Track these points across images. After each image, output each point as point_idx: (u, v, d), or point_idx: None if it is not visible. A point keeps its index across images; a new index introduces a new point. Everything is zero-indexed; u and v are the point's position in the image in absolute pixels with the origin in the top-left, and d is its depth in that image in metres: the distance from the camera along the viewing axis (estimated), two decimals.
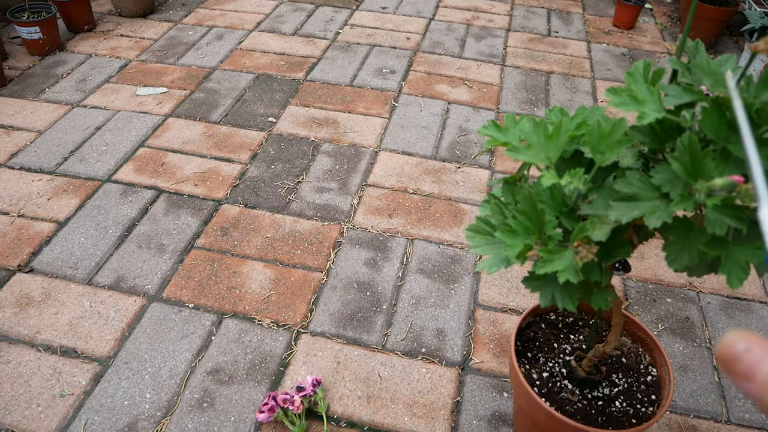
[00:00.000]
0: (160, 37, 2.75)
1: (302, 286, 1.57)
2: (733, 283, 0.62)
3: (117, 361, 1.36)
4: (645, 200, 0.67)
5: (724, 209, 0.61)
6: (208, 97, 2.32)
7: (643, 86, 0.70)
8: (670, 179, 0.66)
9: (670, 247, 0.69)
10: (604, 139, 0.70)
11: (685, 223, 0.69)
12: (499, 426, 1.28)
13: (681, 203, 0.63)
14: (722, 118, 0.64)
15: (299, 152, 2.05)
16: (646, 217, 0.65)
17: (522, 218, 0.74)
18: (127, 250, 1.64)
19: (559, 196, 0.75)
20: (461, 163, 2.04)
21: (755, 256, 0.62)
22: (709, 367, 1.43)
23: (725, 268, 0.63)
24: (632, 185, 0.67)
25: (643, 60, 0.74)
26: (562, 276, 0.68)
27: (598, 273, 0.74)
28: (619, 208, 0.67)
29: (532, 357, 1.13)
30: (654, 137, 0.73)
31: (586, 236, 0.68)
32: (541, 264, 0.70)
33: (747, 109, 0.63)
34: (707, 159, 0.62)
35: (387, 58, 2.68)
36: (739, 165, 0.65)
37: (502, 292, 1.57)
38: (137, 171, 1.92)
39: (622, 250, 0.73)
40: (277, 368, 1.37)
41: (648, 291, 1.60)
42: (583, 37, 3.02)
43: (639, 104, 0.69)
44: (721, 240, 0.65)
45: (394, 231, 1.75)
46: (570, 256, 0.69)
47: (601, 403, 1.05)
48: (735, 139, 0.64)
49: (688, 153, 0.63)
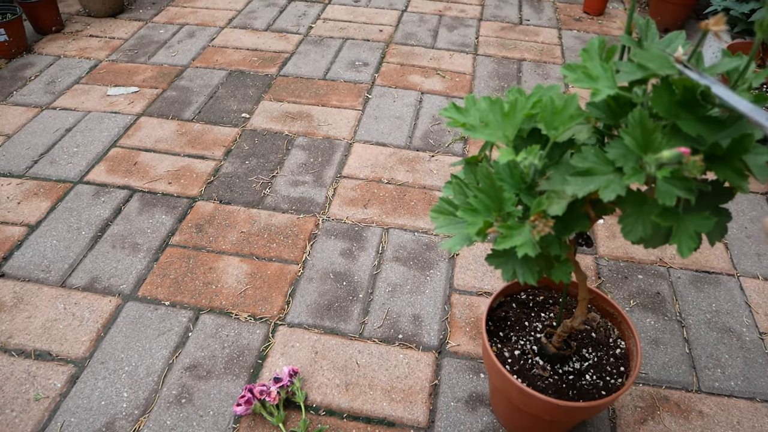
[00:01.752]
0: (131, 37, 2.72)
1: (279, 278, 1.57)
2: (683, 252, 0.64)
3: (93, 362, 1.36)
4: (600, 174, 0.68)
5: (673, 181, 0.63)
6: (181, 95, 2.31)
7: (597, 63, 0.71)
8: (624, 154, 0.67)
9: (625, 220, 0.70)
10: (557, 114, 0.72)
11: (639, 196, 0.70)
12: (477, 406, 1.29)
13: (633, 176, 0.64)
14: (672, 97, 0.65)
15: (273, 147, 2.05)
16: (601, 190, 0.66)
17: (482, 196, 0.75)
18: (100, 250, 1.63)
19: (517, 174, 0.77)
20: (435, 151, 2.05)
21: (704, 226, 0.64)
22: (680, 339, 1.45)
23: (676, 237, 0.64)
24: (588, 160, 0.69)
25: (598, 37, 0.75)
26: (520, 250, 0.69)
27: (557, 246, 0.75)
28: (576, 183, 0.68)
29: (504, 336, 1.14)
30: (609, 113, 0.74)
31: (542, 211, 0.69)
32: (500, 240, 0.71)
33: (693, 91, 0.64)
34: (657, 133, 0.63)
35: (360, 50, 2.68)
36: (688, 140, 0.67)
37: (477, 276, 1.59)
38: (110, 171, 1.91)
39: (579, 223, 0.74)
40: (255, 361, 1.37)
41: (620, 268, 1.63)
42: (554, 24, 3.04)
43: (593, 81, 0.70)
44: (673, 211, 0.67)
45: (370, 221, 1.75)
46: (528, 230, 0.70)
47: (572, 377, 1.06)
48: (684, 116, 0.65)
49: (639, 127, 0.64)
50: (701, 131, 0.62)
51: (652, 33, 0.72)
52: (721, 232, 0.70)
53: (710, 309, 1.54)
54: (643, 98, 0.70)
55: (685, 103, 0.64)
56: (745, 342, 1.46)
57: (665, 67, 0.66)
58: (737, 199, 1.90)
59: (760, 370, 1.40)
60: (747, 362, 1.42)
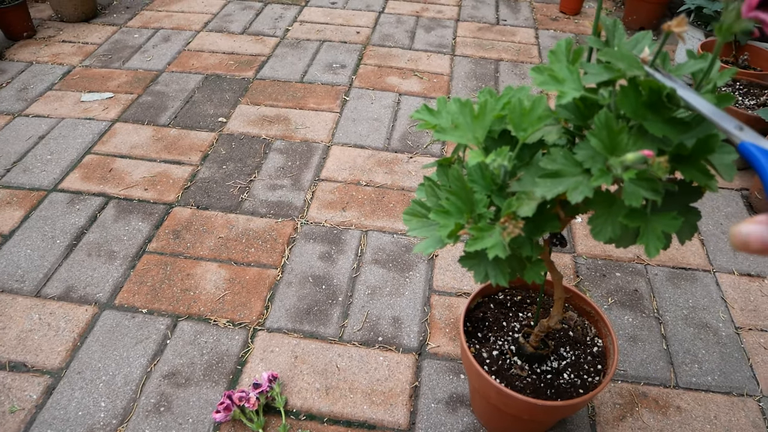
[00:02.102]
0: (105, 42, 2.70)
1: (257, 283, 1.56)
2: (650, 252, 0.64)
3: (69, 372, 1.34)
4: (569, 176, 0.68)
5: (640, 182, 0.63)
6: (156, 100, 2.29)
7: (563, 65, 0.71)
8: (592, 155, 0.67)
9: (595, 221, 0.71)
10: (525, 116, 0.72)
11: (607, 197, 0.71)
12: (457, 407, 1.29)
13: (601, 178, 0.65)
14: (639, 98, 0.66)
15: (251, 151, 2.04)
16: (569, 192, 0.66)
17: (454, 198, 0.75)
18: (76, 259, 1.61)
19: (488, 175, 0.77)
20: (413, 153, 2.06)
21: (672, 226, 0.64)
22: (658, 335, 1.47)
23: (643, 238, 0.65)
24: (556, 162, 0.69)
25: (565, 38, 0.76)
26: (491, 252, 0.69)
27: (529, 248, 0.75)
28: (545, 185, 0.68)
29: (482, 337, 1.14)
30: (578, 114, 0.75)
31: (512, 212, 0.70)
32: (471, 242, 0.71)
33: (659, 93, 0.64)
34: (623, 135, 0.64)
35: (337, 52, 2.68)
36: (655, 141, 0.67)
37: (456, 276, 1.59)
38: (84, 178, 1.88)
39: (550, 224, 0.75)
40: (234, 367, 1.36)
41: (598, 267, 1.64)
42: (530, 24, 3.05)
43: (559, 83, 0.71)
44: (640, 212, 0.67)
45: (348, 224, 1.75)
46: (498, 232, 0.70)
47: (549, 376, 1.07)
48: (651, 118, 0.66)
49: (605, 129, 0.64)
50: (667, 132, 0.63)
51: (619, 33, 0.72)
52: (690, 230, 0.71)
53: (687, 305, 1.56)
54: (609, 100, 0.71)
55: (652, 105, 0.64)
56: (721, 337, 1.48)
57: (633, 67, 0.67)
58: (712, 196, 1.92)
59: (736, 364, 1.42)
60: (723, 357, 1.43)
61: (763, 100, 2.06)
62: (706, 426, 1.29)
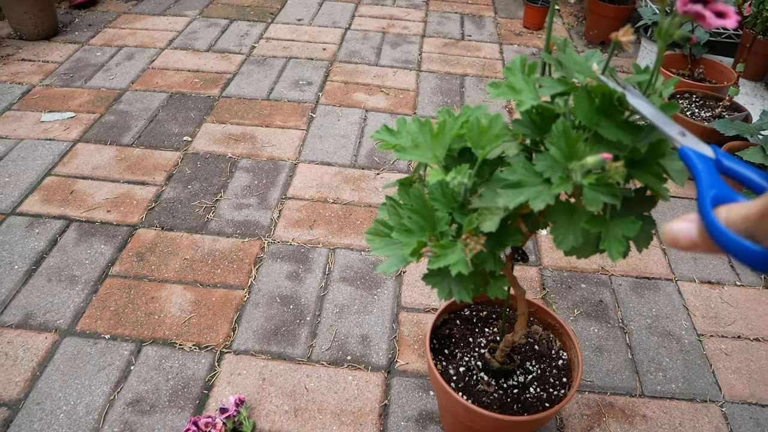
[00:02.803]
0: (66, 60, 2.65)
1: (224, 305, 1.54)
2: (613, 255, 0.66)
3: (28, 403, 1.30)
4: (530, 186, 0.69)
5: (599, 187, 0.65)
6: (119, 120, 2.26)
7: (520, 77, 0.73)
8: (551, 165, 0.68)
9: (557, 230, 0.72)
10: (483, 134, 0.73)
11: (568, 207, 0.72)
12: (427, 424, 1.29)
13: (561, 185, 0.66)
14: (592, 104, 0.67)
15: (217, 170, 2.02)
16: (531, 201, 0.67)
17: (416, 217, 0.76)
18: (35, 285, 1.57)
19: (449, 193, 0.77)
20: (380, 169, 2.06)
21: (631, 229, 0.66)
22: (623, 345, 1.48)
23: (605, 242, 0.66)
24: (517, 173, 0.70)
25: (519, 56, 0.77)
26: (453, 269, 0.69)
27: (492, 263, 0.76)
28: (506, 195, 0.69)
29: (449, 353, 1.15)
30: (534, 128, 0.76)
31: (474, 228, 0.70)
32: (434, 259, 0.72)
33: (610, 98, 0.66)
34: (580, 142, 0.65)
35: (304, 69, 2.68)
36: (609, 146, 0.69)
37: (425, 292, 1.59)
38: (44, 201, 1.84)
39: (512, 238, 0.76)
40: (200, 392, 1.34)
41: (563, 279, 1.66)
42: (495, 39, 3.10)
43: (517, 93, 0.72)
44: (601, 218, 0.69)
45: (316, 242, 1.74)
46: (460, 249, 0.71)
47: (516, 391, 1.07)
48: (605, 123, 0.67)
49: (563, 137, 0.66)
50: (621, 136, 0.65)
51: (569, 51, 0.74)
52: (647, 239, 0.73)
53: (651, 314, 1.58)
54: (564, 109, 0.72)
55: (604, 111, 0.66)
56: (684, 345, 1.51)
57: (587, 74, 0.68)
58: (673, 205, 1.96)
59: (699, 371, 1.44)
60: (687, 364, 1.46)
61: (718, 112, 2.12)
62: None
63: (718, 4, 0.49)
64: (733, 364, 1.47)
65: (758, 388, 1.42)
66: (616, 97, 0.66)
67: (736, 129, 1.88)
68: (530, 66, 0.77)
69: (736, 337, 1.54)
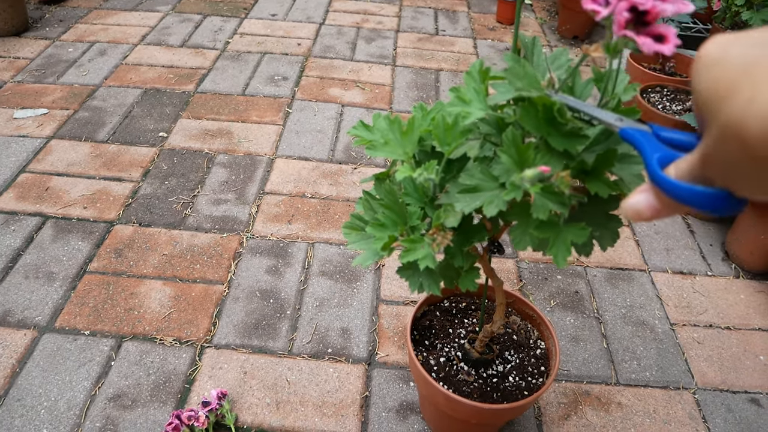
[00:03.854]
0: (37, 56, 2.61)
1: (204, 300, 1.54)
2: (559, 262, 0.67)
3: (8, 400, 1.29)
4: (487, 190, 0.71)
5: (547, 195, 0.66)
6: (94, 116, 2.23)
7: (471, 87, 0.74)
8: (507, 170, 0.70)
9: (515, 232, 0.73)
10: (448, 131, 0.74)
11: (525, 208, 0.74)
12: (408, 414, 1.31)
13: (512, 192, 0.67)
14: (538, 115, 0.69)
15: (193, 166, 2.02)
16: (485, 206, 0.69)
17: (389, 212, 0.77)
18: (12, 282, 1.56)
19: (421, 189, 0.79)
20: (357, 164, 2.07)
21: (580, 236, 0.68)
22: (598, 335, 1.52)
23: (552, 248, 0.68)
24: (474, 177, 0.71)
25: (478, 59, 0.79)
26: (421, 263, 0.71)
27: (460, 258, 0.78)
28: (464, 200, 0.70)
29: (429, 344, 1.17)
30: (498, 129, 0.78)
31: (441, 224, 0.72)
32: (404, 253, 0.73)
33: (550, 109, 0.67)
34: (530, 151, 0.67)
35: (279, 65, 2.67)
36: (561, 156, 0.70)
37: (403, 286, 1.61)
38: (19, 198, 1.82)
39: (477, 235, 0.78)
40: (182, 386, 1.34)
41: (540, 270, 1.69)
42: (469, 34, 3.12)
43: (465, 104, 0.74)
44: (551, 223, 0.71)
45: (295, 236, 1.75)
46: (428, 244, 0.72)
47: (495, 380, 1.10)
48: (552, 132, 0.69)
49: (513, 146, 0.67)
50: (567, 146, 0.66)
51: (537, 50, 0.75)
52: (612, 237, 0.75)
53: (625, 304, 1.62)
54: (514, 117, 0.74)
55: (550, 120, 0.68)
56: (657, 333, 1.55)
57: (531, 86, 0.70)
58: None
59: (672, 359, 1.49)
60: (660, 353, 1.50)
61: (688, 106, 2.17)
62: (646, 420, 1.35)
63: (658, 26, 0.50)
64: (705, 352, 1.51)
65: (729, 375, 1.46)
66: (555, 108, 0.68)
67: None
68: (484, 72, 0.78)
69: (707, 326, 1.58)
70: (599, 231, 0.74)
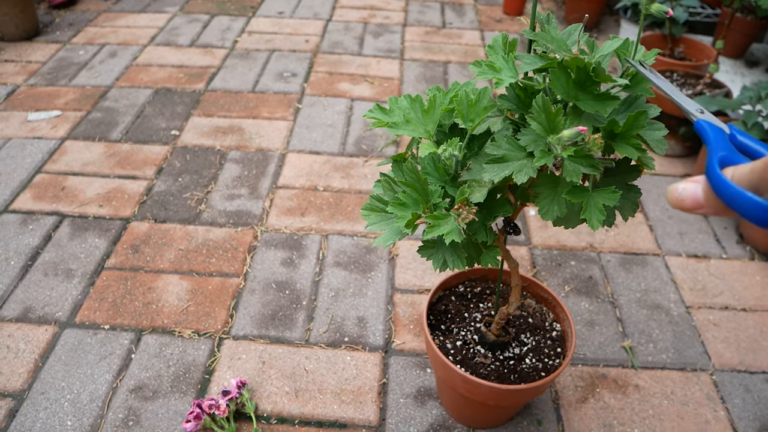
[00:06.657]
0: (49, 59, 2.64)
1: (220, 293, 1.56)
2: (593, 224, 0.68)
3: (32, 393, 1.31)
4: (514, 160, 0.72)
5: (578, 159, 0.67)
6: (106, 116, 2.26)
7: (500, 56, 0.75)
8: (534, 139, 0.71)
9: (542, 202, 0.75)
10: (472, 107, 0.75)
11: (552, 179, 0.75)
12: (425, 400, 1.32)
13: (543, 158, 0.69)
14: (568, 79, 0.70)
15: (206, 162, 2.03)
16: (515, 174, 0.70)
17: (409, 191, 0.78)
18: (32, 279, 1.58)
19: (441, 167, 0.80)
20: (368, 156, 2.08)
21: (611, 199, 0.69)
22: (613, 319, 1.52)
23: (586, 212, 0.69)
24: (501, 148, 0.73)
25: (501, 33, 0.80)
26: (447, 237, 0.72)
27: (483, 233, 0.79)
28: (492, 170, 0.72)
29: (445, 329, 1.18)
30: (519, 103, 0.79)
31: (465, 199, 0.73)
32: (428, 229, 0.74)
33: (585, 69, 0.69)
34: (560, 116, 0.68)
35: (287, 61, 2.69)
36: (589, 119, 0.72)
37: (417, 274, 1.62)
38: (36, 198, 1.85)
39: (502, 209, 0.78)
40: (202, 376, 1.36)
41: (553, 257, 1.69)
42: (476, 26, 3.13)
43: (496, 72, 0.75)
44: (582, 188, 0.72)
45: (308, 229, 1.76)
46: (453, 219, 0.73)
47: (512, 362, 1.11)
48: (582, 96, 0.70)
49: (543, 112, 0.68)
50: (598, 108, 0.67)
51: (552, 26, 0.76)
52: (632, 207, 0.76)
53: (639, 288, 1.62)
54: (544, 84, 0.75)
55: (581, 84, 0.69)
56: (673, 317, 1.55)
57: (562, 49, 0.71)
58: (660, 182, 2.00)
59: (689, 341, 1.49)
60: (676, 335, 1.50)
61: (699, 90, 2.16)
62: (664, 401, 1.35)
63: None
64: (721, 334, 1.51)
65: (747, 356, 1.46)
66: (591, 68, 0.69)
67: (717, 105, 1.93)
68: (510, 43, 0.79)
69: (723, 308, 1.58)
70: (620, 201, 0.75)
